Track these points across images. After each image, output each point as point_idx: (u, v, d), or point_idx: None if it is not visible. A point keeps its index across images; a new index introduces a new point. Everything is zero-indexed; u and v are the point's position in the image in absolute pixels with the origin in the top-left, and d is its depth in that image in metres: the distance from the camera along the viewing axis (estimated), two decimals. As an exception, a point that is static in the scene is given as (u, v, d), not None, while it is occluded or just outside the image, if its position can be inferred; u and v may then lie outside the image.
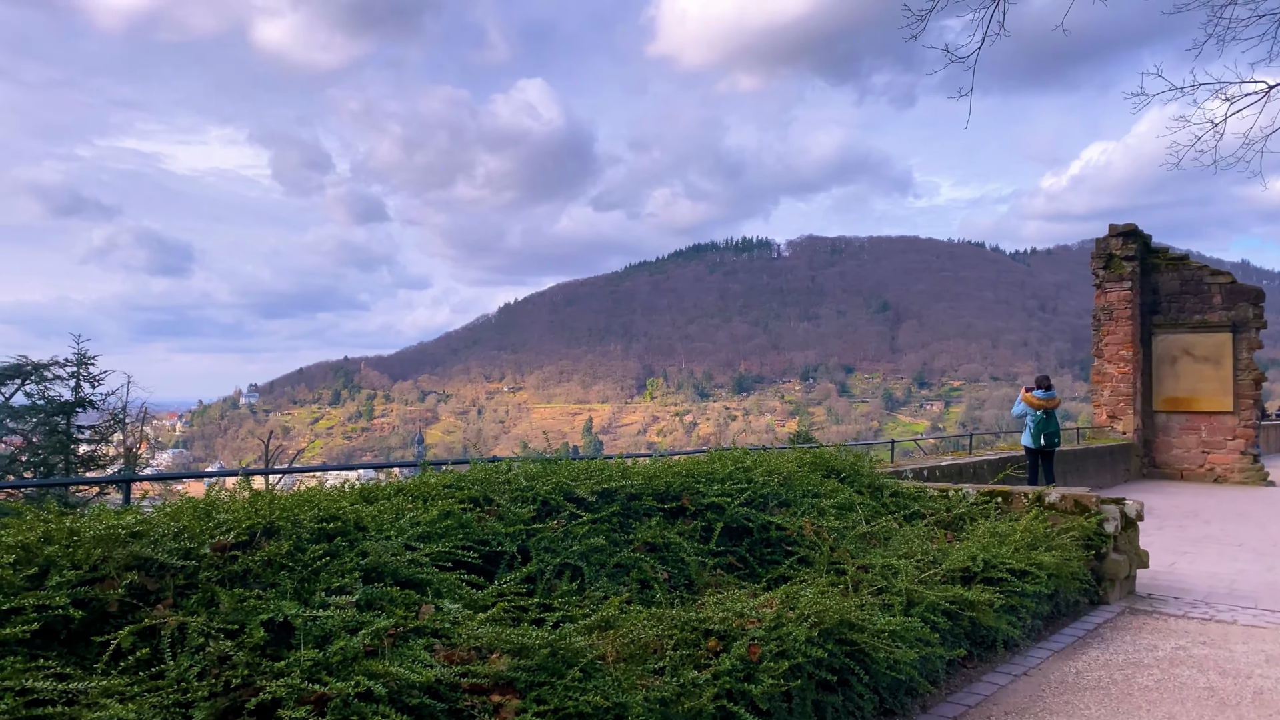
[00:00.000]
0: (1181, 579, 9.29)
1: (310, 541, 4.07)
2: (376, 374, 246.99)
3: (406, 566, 4.23)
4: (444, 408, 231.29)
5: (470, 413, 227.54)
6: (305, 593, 3.77)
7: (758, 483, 6.67)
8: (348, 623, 3.56)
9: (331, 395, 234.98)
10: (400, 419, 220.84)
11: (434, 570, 4.34)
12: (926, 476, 12.04)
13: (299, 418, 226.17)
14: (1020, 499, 8.53)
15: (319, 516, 4.24)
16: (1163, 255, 20.91)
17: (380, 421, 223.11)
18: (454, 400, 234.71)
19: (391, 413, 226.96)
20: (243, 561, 3.79)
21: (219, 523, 3.95)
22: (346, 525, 4.32)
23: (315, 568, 3.91)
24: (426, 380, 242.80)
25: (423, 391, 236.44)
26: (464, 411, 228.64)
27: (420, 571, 4.24)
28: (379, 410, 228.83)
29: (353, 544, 4.22)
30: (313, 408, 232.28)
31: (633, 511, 5.95)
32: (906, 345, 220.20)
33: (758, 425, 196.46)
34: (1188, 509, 15.32)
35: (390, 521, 4.59)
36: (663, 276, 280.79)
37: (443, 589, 4.22)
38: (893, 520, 7.67)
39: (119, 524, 3.62)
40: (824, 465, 8.20)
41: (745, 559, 6.18)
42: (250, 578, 3.80)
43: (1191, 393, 20.50)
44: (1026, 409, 14.19)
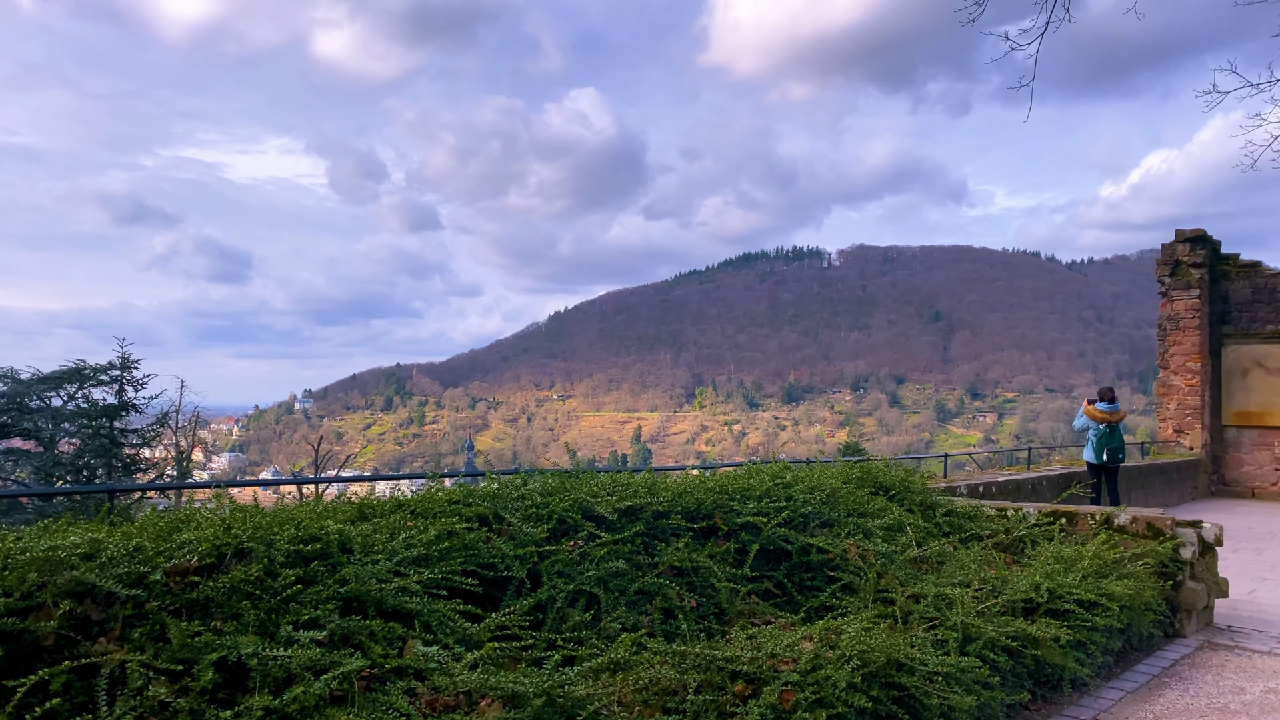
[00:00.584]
0: (1263, 609, 8.52)
1: (284, 565, 3.63)
2: (428, 380, 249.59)
3: (393, 595, 3.77)
4: (494, 415, 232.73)
5: (520, 420, 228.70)
6: (271, 625, 3.34)
7: (797, 500, 6.12)
8: (313, 663, 3.11)
9: (384, 401, 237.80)
10: (451, 425, 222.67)
11: (425, 599, 3.88)
12: (982, 494, 11.36)
13: (352, 423, 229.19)
14: (1086, 520, 7.85)
15: (297, 537, 3.80)
16: (1233, 262, 19.85)
17: (431, 428, 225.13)
18: (504, 408, 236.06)
19: (442, 419, 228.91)
20: (203, 589, 3.36)
21: (181, 543, 3.53)
22: (328, 547, 3.87)
23: (286, 596, 3.47)
24: (477, 387, 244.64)
25: (473, 399, 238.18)
26: (514, 419, 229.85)
27: (408, 601, 3.78)
28: (430, 417, 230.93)
29: (335, 568, 3.78)
30: (365, 414, 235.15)
31: (659, 532, 5.45)
32: (959, 356, 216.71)
33: (807, 435, 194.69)
34: (1262, 530, 14.37)
35: (382, 543, 4.14)
36: (713, 285, 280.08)
37: (433, 621, 3.75)
38: (946, 543, 7.07)
39: (62, 544, 3.21)
40: (871, 481, 7.62)
41: (783, 585, 5.64)
42: (212, 607, 3.38)
43: (1264, 407, 19.39)
44: (1088, 423, 13.40)
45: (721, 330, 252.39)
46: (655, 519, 5.49)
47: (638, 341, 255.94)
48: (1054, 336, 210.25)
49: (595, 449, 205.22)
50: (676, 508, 5.63)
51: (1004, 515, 8.06)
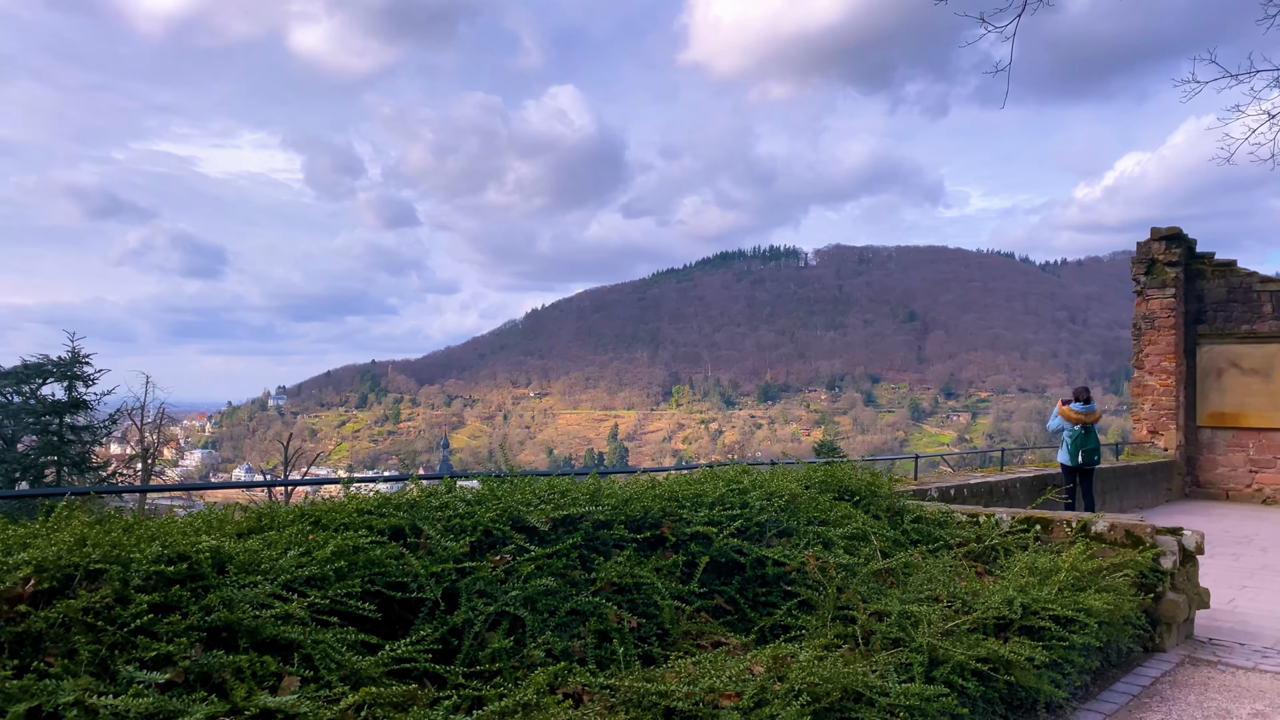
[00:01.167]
0: (1245, 620, 8.16)
1: (141, 590, 3.11)
2: (403, 378, 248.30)
3: (273, 623, 3.26)
4: (470, 413, 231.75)
5: (496, 418, 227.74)
6: (113, 664, 2.82)
7: (753, 508, 5.66)
8: (152, 711, 2.61)
9: (358, 398, 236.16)
10: (426, 423, 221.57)
11: (313, 627, 3.37)
12: (953, 496, 10.97)
13: (326, 420, 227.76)
14: (1062, 528, 7.45)
15: (161, 555, 3.28)
16: (1207, 261, 19.63)
17: (406, 425, 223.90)
18: (480, 405, 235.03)
19: (418, 417, 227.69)
20: (33, 620, 2.85)
21: (15, 564, 3.00)
22: (199, 566, 3.35)
23: (135, 628, 2.95)
24: (453, 385, 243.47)
25: (449, 396, 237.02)
26: (490, 417, 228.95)
27: (290, 630, 3.27)
28: (405, 414, 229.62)
29: (204, 592, 3.26)
30: (340, 411, 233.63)
31: (599, 544, 4.97)
32: (933, 356, 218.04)
33: (783, 434, 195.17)
34: (1239, 534, 14.09)
35: (269, 560, 3.63)
36: (690, 284, 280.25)
37: (316, 654, 3.24)
38: (914, 552, 6.64)
39: None
40: (836, 485, 7.18)
41: (735, 601, 5.17)
42: (46, 642, 2.86)
43: (1239, 408, 19.18)
44: (1063, 424, 13.04)
45: (699, 329, 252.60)
46: (595, 529, 5.01)
47: (615, 340, 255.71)
48: (1027, 337, 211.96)
49: (572, 447, 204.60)
50: (620, 516, 5.15)
51: (975, 521, 7.64)
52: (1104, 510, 15.33)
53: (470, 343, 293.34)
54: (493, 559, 4.43)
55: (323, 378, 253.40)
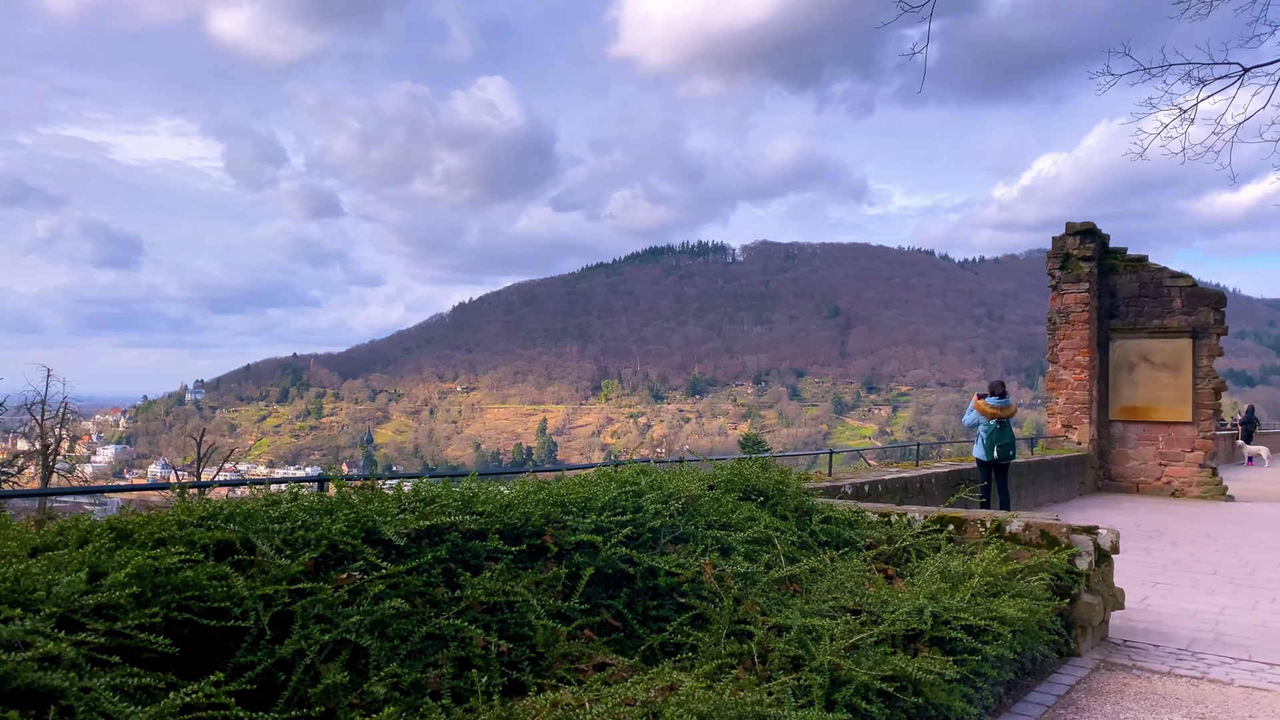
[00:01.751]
0: (1158, 619, 7.99)
1: None
2: (326, 372, 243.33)
3: (30, 668, 2.66)
4: (395, 407, 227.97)
5: (422, 413, 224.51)
6: None
7: (647, 512, 5.18)
8: None
9: (279, 393, 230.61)
10: (350, 418, 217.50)
11: (86, 669, 2.78)
12: (868, 493, 10.68)
13: (246, 415, 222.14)
14: (976, 527, 7.15)
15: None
16: (1120, 256, 19.86)
17: (329, 420, 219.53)
18: (405, 400, 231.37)
19: (341, 412, 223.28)
20: None
21: None
22: (-63, 601, 2.74)
23: None
24: (377, 379, 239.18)
25: (373, 390, 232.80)
26: (415, 411, 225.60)
27: (51, 676, 2.67)
28: (328, 409, 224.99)
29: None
30: (260, 405, 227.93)
31: (469, 557, 4.44)
32: (856, 350, 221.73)
33: (711, 428, 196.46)
34: (1150, 528, 14.17)
35: (42, 587, 3.02)
36: (620, 279, 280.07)
37: (80, 707, 2.66)
38: (823, 555, 6.26)
39: None
40: (742, 485, 6.76)
41: (623, 616, 4.69)
42: None
43: (1149, 402, 19.46)
44: (979, 418, 12.88)
45: (628, 323, 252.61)
46: (466, 540, 4.47)
47: (544, 334, 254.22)
48: (946, 332, 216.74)
49: (500, 442, 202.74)
50: (496, 525, 4.62)
51: (887, 521, 7.30)
52: (1019, 505, 15.30)
53: (395, 336, 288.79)
54: (337, 577, 3.87)
55: (242, 371, 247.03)
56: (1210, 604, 8.68)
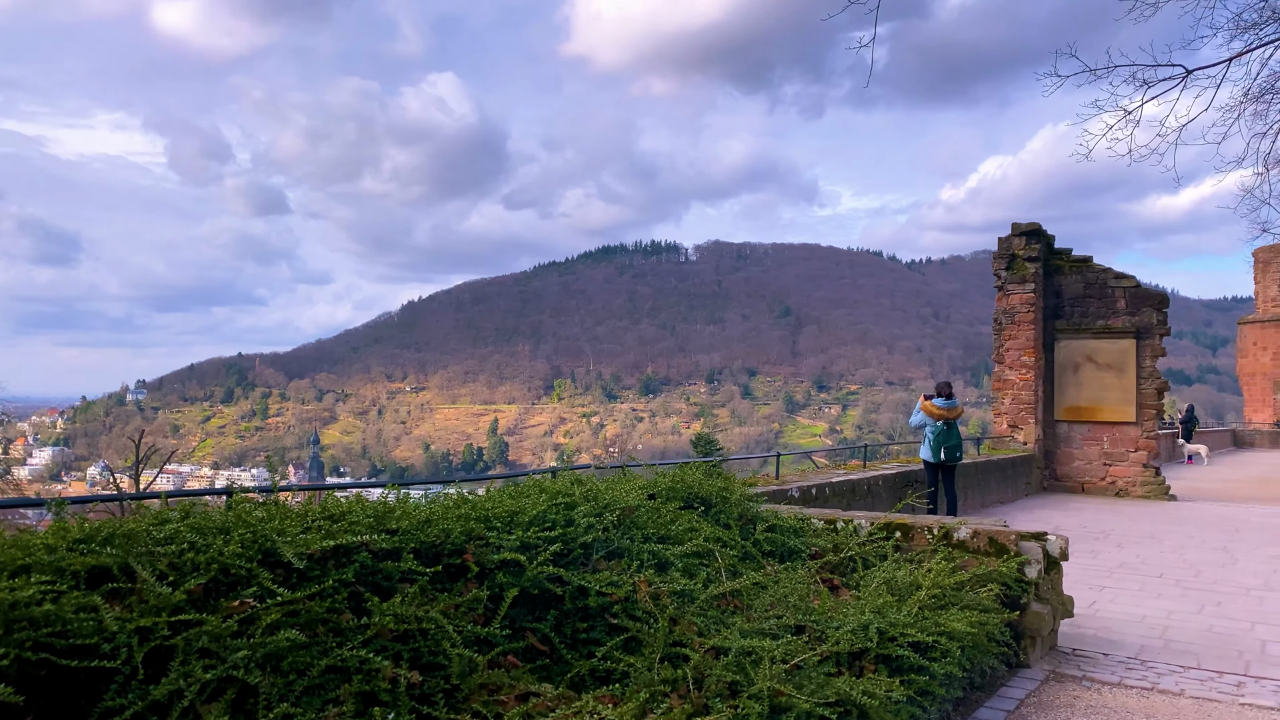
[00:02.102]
0: (1107, 624, 7.87)
1: None
2: (272, 371, 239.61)
3: None
4: (343, 407, 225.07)
5: (370, 413, 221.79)
6: None
7: (579, 526, 4.87)
8: None
9: (224, 393, 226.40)
10: (296, 419, 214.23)
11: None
12: (815, 496, 10.48)
13: (189, 416, 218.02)
14: (923, 535, 6.95)
15: None
16: (1065, 257, 19.98)
17: (275, 421, 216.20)
18: (353, 400, 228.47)
19: (287, 412, 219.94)
20: None
21: None
22: None
23: None
24: (324, 379, 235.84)
25: (320, 390, 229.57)
26: (364, 412, 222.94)
27: None
28: (274, 409, 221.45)
29: None
30: (204, 406, 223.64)
31: (380, 579, 4.08)
32: (807, 350, 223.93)
33: (664, 427, 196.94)
34: (1095, 529, 14.19)
35: None
36: (572, 277, 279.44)
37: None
38: (768, 566, 6.01)
39: None
40: (684, 492, 6.48)
41: (550, 640, 4.36)
42: None
43: (1094, 402, 19.60)
44: (925, 419, 12.77)
45: (580, 322, 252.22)
46: (377, 561, 4.12)
47: (495, 333, 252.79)
48: (894, 332, 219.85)
49: (450, 442, 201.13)
50: (411, 543, 4.27)
51: (833, 528, 7.08)
52: (966, 506, 15.26)
53: (343, 335, 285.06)
54: (227, 605, 3.50)
55: (186, 371, 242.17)
56: (1157, 608, 8.60)
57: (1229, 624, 7.99)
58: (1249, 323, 64.04)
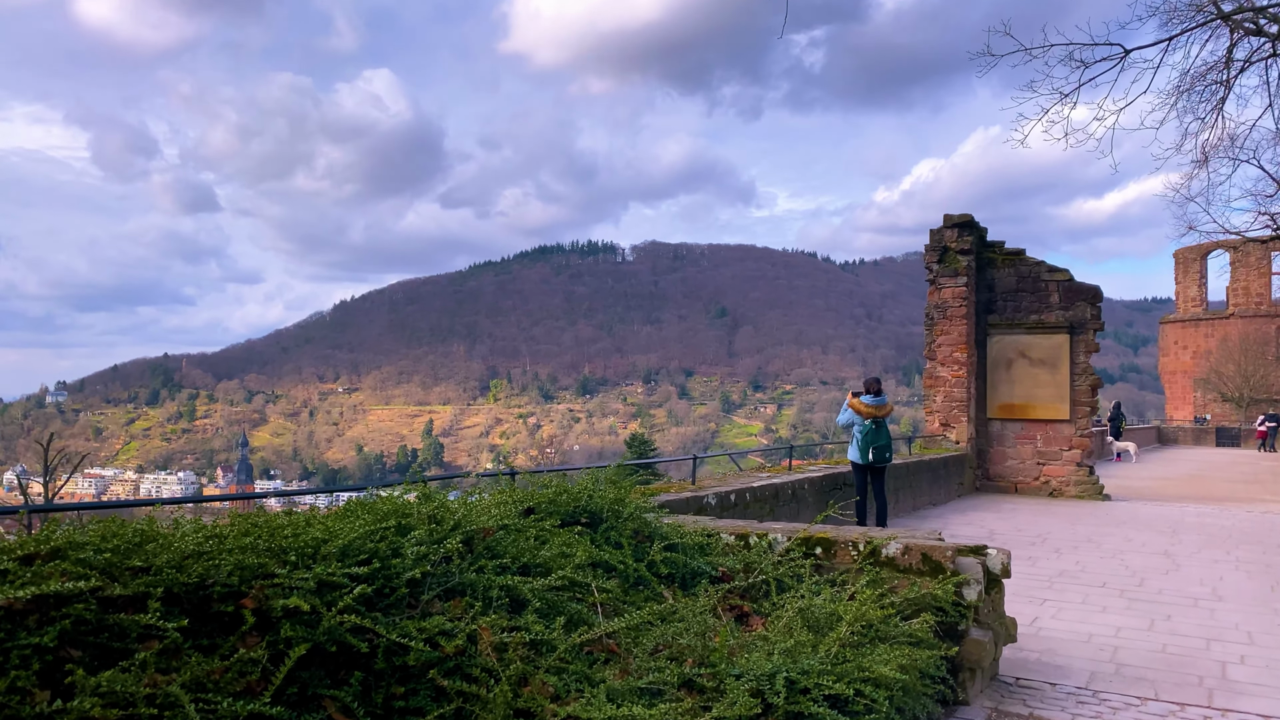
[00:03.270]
0: (1051, 645, 7.06)
1: None
2: (199, 372, 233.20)
3: None
4: (273, 409, 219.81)
5: (301, 414, 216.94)
6: None
7: (407, 557, 3.80)
8: None
9: (149, 394, 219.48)
10: (225, 420, 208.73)
11: None
12: (734, 503, 9.55)
13: (113, 418, 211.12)
14: (847, 550, 6.03)
15: None
16: (998, 250, 19.44)
17: (203, 423, 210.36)
18: (284, 401, 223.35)
19: (215, 414, 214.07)
20: None
21: None
22: None
23: None
24: (254, 380, 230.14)
25: (249, 391, 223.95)
26: (295, 413, 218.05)
27: None
28: (201, 411, 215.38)
29: None
30: (128, 408, 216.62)
31: (107, 637, 2.99)
32: (743, 350, 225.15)
33: (601, 427, 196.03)
34: (1032, 533, 13.53)
35: None
36: (509, 277, 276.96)
37: None
38: (658, 594, 5.03)
39: None
40: (567, 507, 5.46)
41: (351, 712, 3.30)
42: None
43: (1027, 399, 19.08)
44: (854, 418, 11.93)
45: (517, 323, 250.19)
46: (106, 612, 3.02)
47: (430, 333, 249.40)
48: (828, 332, 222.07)
49: (384, 444, 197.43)
50: (162, 585, 3.18)
51: (745, 544, 6.12)
52: (897, 508, 14.50)
53: (273, 335, 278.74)
54: None
55: (109, 372, 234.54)
56: (1105, 624, 7.82)
57: (1183, 642, 7.24)
58: (1170, 322, 65.47)
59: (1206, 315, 61.67)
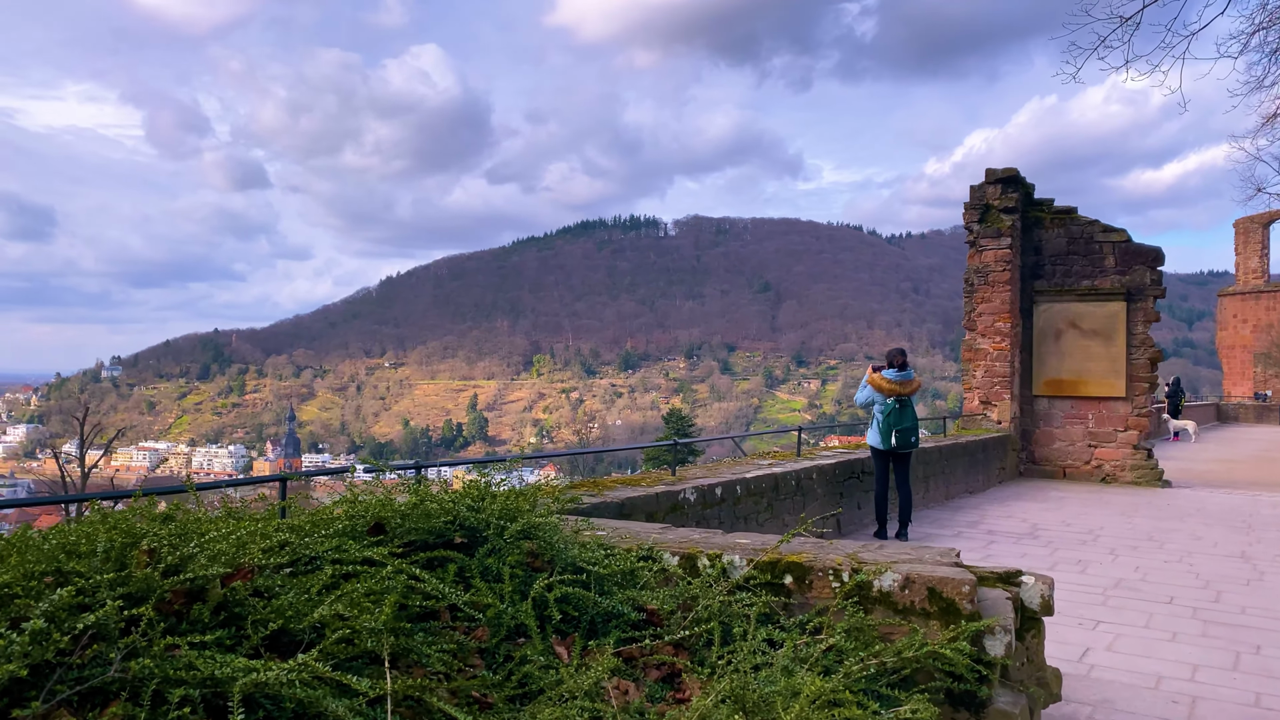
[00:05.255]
0: (1108, 694, 5.42)
1: None
2: (248, 347, 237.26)
3: None
4: (320, 384, 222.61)
5: (349, 389, 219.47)
6: None
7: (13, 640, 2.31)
8: None
9: (200, 369, 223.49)
10: (274, 395, 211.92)
11: None
12: (720, 497, 7.99)
13: (165, 392, 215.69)
14: (826, 582, 4.44)
15: None
16: (1046, 208, 17.46)
17: (252, 397, 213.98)
18: (331, 376, 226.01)
19: (264, 388, 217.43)
20: None
21: None
22: None
23: None
24: (302, 355, 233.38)
25: (298, 366, 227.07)
26: (342, 388, 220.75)
27: None
28: (251, 385, 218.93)
29: None
30: (180, 382, 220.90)
31: None
32: (786, 325, 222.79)
33: (643, 402, 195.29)
34: (1081, 527, 11.77)
35: None
36: (551, 253, 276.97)
37: None
38: (546, 650, 3.51)
39: None
40: (433, 523, 3.95)
41: None
42: None
43: (1078, 374, 17.16)
44: (874, 395, 10.27)
45: (559, 298, 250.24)
46: None
47: (474, 309, 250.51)
48: (873, 307, 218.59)
49: (429, 418, 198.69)
50: None
51: (693, 568, 4.56)
52: (928, 497, 12.82)
53: (320, 311, 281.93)
54: None
55: (161, 347, 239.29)
56: (1176, 660, 6.15)
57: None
58: (1230, 295, 62.15)
59: (1268, 287, 58.38)
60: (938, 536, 10.66)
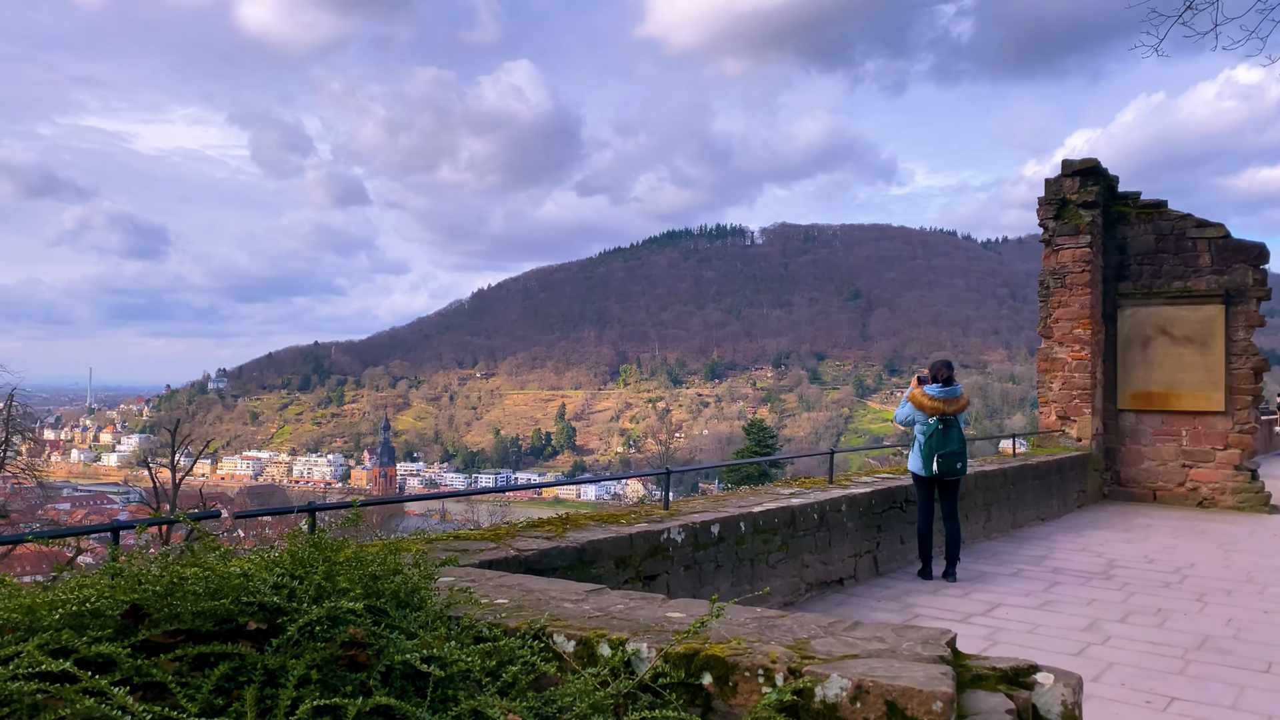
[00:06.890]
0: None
1: None
2: (347, 359, 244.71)
3: None
4: (415, 394, 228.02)
5: (442, 399, 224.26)
6: None
7: None
8: None
9: (300, 380, 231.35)
10: (371, 405, 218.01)
11: None
12: (717, 537, 6.89)
13: (268, 403, 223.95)
14: (753, 685, 3.34)
15: None
16: (1132, 202, 15.74)
17: (350, 407, 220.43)
18: (425, 386, 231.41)
19: (362, 399, 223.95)
20: None
21: None
22: None
23: None
24: (398, 366, 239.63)
25: (394, 377, 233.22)
26: (436, 398, 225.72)
27: None
28: (349, 396, 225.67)
29: None
30: (281, 393, 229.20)
31: None
32: (877, 333, 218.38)
33: (730, 411, 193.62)
34: (1167, 565, 10.22)
35: None
36: (637, 263, 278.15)
37: None
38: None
39: None
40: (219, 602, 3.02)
41: None
42: None
43: (1168, 386, 15.38)
44: (914, 413, 9.00)
45: (645, 308, 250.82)
46: None
47: (562, 319, 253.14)
48: (969, 314, 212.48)
49: (519, 427, 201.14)
50: None
51: (591, 655, 3.52)
52: (989, 528, 11.40)
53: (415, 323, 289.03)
54: None
55: (264, 360, 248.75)
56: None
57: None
58: (1359, 294, 57.66)
59: (1403, 286, 53.83)
60: (993, 576, 9.31)
